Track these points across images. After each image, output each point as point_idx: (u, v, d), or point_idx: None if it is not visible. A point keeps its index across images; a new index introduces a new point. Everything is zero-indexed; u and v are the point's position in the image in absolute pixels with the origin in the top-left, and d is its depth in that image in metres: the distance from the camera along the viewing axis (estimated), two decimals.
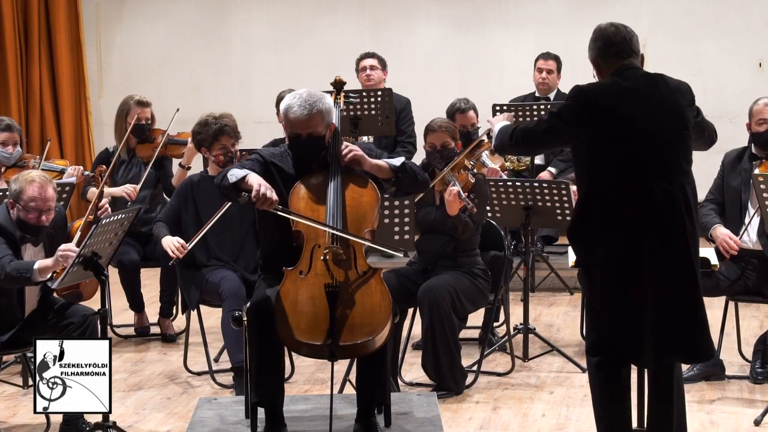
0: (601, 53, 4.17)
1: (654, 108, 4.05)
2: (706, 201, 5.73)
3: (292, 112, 4.42)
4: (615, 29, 4.17)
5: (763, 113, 5.58)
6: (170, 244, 5.64)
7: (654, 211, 4.00)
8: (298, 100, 4.42)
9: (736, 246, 5.49)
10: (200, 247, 5.75)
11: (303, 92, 4.46)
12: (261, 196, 4.24)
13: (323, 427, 4.45)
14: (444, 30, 10.49)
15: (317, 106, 4.40)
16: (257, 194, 4.24)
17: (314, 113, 4.40)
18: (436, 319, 5.34)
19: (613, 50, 4.14)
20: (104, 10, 10.83)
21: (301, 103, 4.40)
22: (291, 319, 4.25)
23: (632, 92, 4.05)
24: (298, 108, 4.40)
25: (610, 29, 4.18)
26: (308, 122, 4.41)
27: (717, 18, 10.08)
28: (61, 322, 4.85)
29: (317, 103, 4.41)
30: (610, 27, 4.19)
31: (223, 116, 5.85)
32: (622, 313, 4.05)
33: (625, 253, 4.02)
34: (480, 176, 5.65)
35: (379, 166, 4.48)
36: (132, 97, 6.86)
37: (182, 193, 5.84)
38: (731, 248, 5.48)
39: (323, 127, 4.44)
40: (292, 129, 4.46)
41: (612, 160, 4.04)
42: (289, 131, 4.50)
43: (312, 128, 4.42)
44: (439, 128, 5.61)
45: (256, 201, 4.25)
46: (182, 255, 5.61)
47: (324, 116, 4.43)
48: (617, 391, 4.14)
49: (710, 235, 5.58)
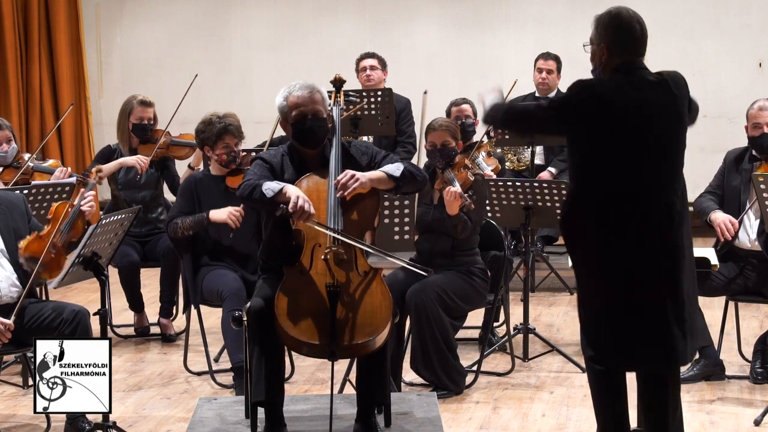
0: (619, 44, 4.04)
1: (653, 110, 4.02)
2: (706, 192, 5.73)
3: (293, 95, 4.51)
4: (639, 26, 4.06)
5: (758, 117, 5.57)
6: (230, 215, 5.61)
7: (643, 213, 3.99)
8: (296, 84, 4.54)
9: (734, 229, 5.48)
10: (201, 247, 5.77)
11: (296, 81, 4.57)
12: (299, 209, 4.24)
13: (323, 427, 4.45)
14: (444, 30, 10.49)
15: (316, 87, 4.54)
16: (294, 206, 4.23)
17: (315, 92, 4.51)
18: (424, 321, 5.34)
19: (632, 45, 4.05)
20: (104, 10, 10.83)
21: (302, 86, 4.53)
22: (291, 319, 4.25)
23: (634, 92, 4.01)
24: (299, 90, 4.51)
25: (636, 25, 4.05)
26: (311, 99, 4.49)
27: (717, 18, 10.08)
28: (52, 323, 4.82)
29: (315, 86, 4.55)
30: (635, 22, 4.06)
31: (227, 116, 5.84)
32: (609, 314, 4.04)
33: (613, 254, 4.00)
34: (478, 176, 5.65)
35: (380, 180, 4.48)
36: (135, 96, 6.86)
37: (186, 192, 5.82)
38: (729, 232, 5.47)
39: (324, 109, 4.51)
40: (296, 110, 4.49)
41: (603, 158, 4.00)
42: (294, 115, 4.49)
43: (316, 105, 4.49)
44: (440, 127, 5.62)
45: (293, 213, 4.25)
46: (241, 223, 5.58)
47: (323, 98, 4.54)
48: (611, 390, 4.13)
49: (709, 219, 5.56)
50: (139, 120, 6.77)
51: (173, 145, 6.86)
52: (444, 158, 5.56)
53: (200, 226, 5.68)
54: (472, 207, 5.35)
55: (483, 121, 4.43)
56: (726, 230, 5.47)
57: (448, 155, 5.57)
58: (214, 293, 5.62)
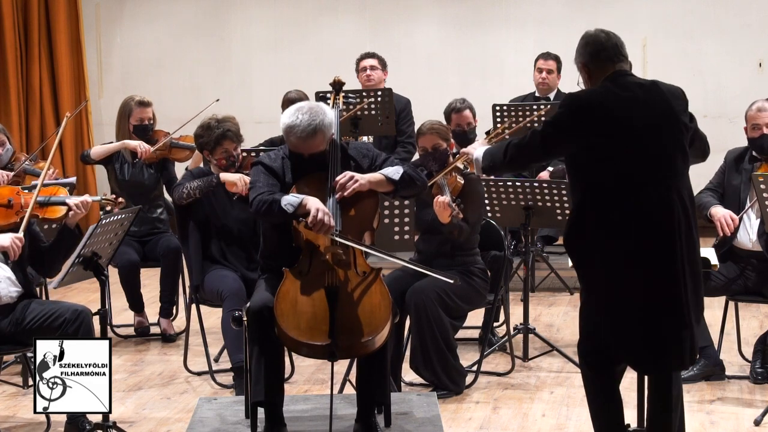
0: (592, 57, 4.14)
1: (649, 113, 4.02)
2: (706, 189, 5.72)
3: (293, 135, 4.41)
4: (605, 35, 4.16)
5: (756, 119, 5.56)
6: (240, 179, 5.61)
7: (651, 218, 3.99)
8: (301, 123, 4.38)
9: (734, 225, 5.47)
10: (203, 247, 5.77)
11: (305, 111, 4.40)
12: (318, 222, 4.24)
13: (323, 427, 4.45)
14: (444, 30, 10.49)
15: (319, 128, 4.39)
16: (314, 220, 4.23)
17: (317, 135, 4.40)
18: (424, 321, 5.34)
19: (604, 54, 4.12)
20: (104, 10, 10.83)
21: (304, 128, 4.38)
22: (291, 320, 4.25)
23: (626, 97, 4.01)
24: (301, 132, 4.39)
25: (601, 34, 4.17)
26: (310, 145, 4.43)
27: (717, 18, 10.08)
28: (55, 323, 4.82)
29: (319, 125, 4.38)
30: (600, 32, 4.18)
31: (225, 120, 5.81)
32: (618, 320, 4.03)
33: (622, 260, 4.00)
34: (473, 176, 5.61)
35: (378, 183, 4.47)
36: (132, 97, 6.86)
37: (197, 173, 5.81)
38: (729, 227, 5.46)
39: (324, 144, 4.46)
40: (293, 148, 4.49)
41: (608, 166, 4.00)
42: (292, 149, 4.52)
43: (314, 149, 4.45)
44: (429, 131, 5.57)
45: (313, 227, 4.25)
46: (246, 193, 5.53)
47: (326, 134, 4.44)
48: (606, 391, 4.14)
49: (709, 214, 5.55)
50: (139, 121, 6.78)
51: (174, 147, 6.86)
52: (437, 161, 5.54)
53: (209, 187, 5.66)
54: (461, 216, 5.30)
55: (484, 171, 4.39)
56: (726, 225, 5.46)
57: (441, 158, 5.55)
58: (214, 293, 5.62)
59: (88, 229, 4.55)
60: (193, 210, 5.74)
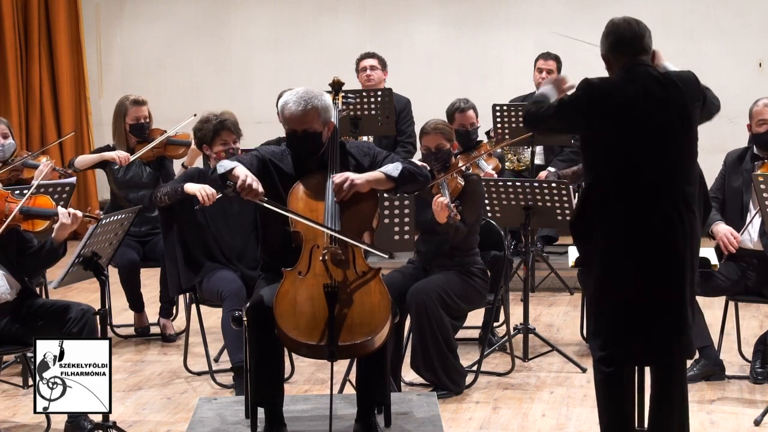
0: (612, 48, 4.16)
1: (658, 106, 4.05)
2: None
3: (287, 109, 4.44)
4: (627, 25, 4.16)
5: (763, 114, 5.58)
6: (201, 190, 5.57)
7: (650, 208, 4.01)
8: (294, 97, 4.44)
9: (737, 243, 5.48)
10: (201, 247, 5.76)
11: (300, 89, 4.48)
12: (246, 187, 4.24)
13: (323, 427, 4.44)
14: (444, 30, 10.49)
15: (312, 103, 4.42)
16: (242, 184, 4.24)
17: (309, 109, 4.41)
18: (424, 321, 5.34)
19: (623, 46, 4.13)
20: (104, 10, 10.83)
21: (297, 100, 4.42)
22: (290, 320, 4.25)
23: (637, 89, 4.04)
24: (294, 104, 4.42)
25: (623, 25, 4.16)
26: (303, 118, 4.42)
27: (717, 18, 10.08)
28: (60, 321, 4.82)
29: (313, 100, 4.42)
30: (623, 22, 4.17)
31: (223, 113, 5.85)
32: (618, 310, 4.05)
33: (621, 249, 4.02)
34: (474, 177, 5.62)
35: (378, 181, 4.47)
36: (127, 97, 6.87)
37: (187, 178, 5.81)
38: (732, 245, 5.47)
39: (319, 124, 4.45)
40: (288, 125, 4.49)
41: (612, 154, 4.05)
42: (286, 127, 4.52)
43: (307, 124, 4.43)
44: (433, 130, 5.58)
45: (240, 191, 4.25)
46: (210, 203, 5.53)
47: (320, 113, 4.44)
48: (616, 390, 4.14)
49: (711, 231, 5.57)
50: (135, 120, 6.79)
51: (170, 144, 6.86)
52: (439, 161, 5.54)
53: (175, 196, 5.66)
54: (458, 218, 5.29)
55: (524, 116, 4.39)
56: (729, 244, 5.48)
57: (444, 158, 5.55)
58: (214, 293, 5.63)
59: (89, 229, 4.55)
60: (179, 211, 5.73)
